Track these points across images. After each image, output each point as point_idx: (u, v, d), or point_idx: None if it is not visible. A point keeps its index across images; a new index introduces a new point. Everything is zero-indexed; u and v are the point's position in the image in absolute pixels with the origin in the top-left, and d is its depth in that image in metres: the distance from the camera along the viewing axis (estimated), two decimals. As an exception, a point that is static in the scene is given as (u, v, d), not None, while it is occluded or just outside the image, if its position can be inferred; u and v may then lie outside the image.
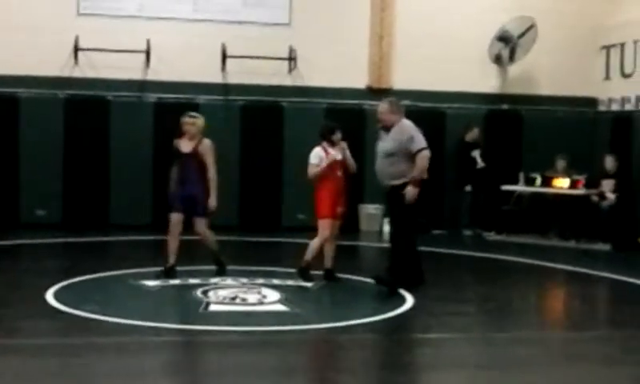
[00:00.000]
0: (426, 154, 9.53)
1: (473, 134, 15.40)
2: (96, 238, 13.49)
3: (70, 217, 14.66)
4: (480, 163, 15.31)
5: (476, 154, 15.33)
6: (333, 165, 10.02)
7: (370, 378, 6.67)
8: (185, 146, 10.02)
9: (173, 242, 10.00)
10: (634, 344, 7.87)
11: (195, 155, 9.95)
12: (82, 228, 14.18)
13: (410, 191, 9.51)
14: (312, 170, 10.04)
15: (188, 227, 10.01)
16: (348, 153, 10.27)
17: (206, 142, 10.05)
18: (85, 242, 13.26)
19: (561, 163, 14.84)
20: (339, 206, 10.13)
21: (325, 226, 10.04)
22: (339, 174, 10.12)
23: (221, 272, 10.19)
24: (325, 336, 7.98)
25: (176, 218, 9.95)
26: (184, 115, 10.20)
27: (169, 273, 9.90)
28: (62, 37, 14.45)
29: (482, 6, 15.78)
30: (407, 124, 9.69)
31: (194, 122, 10.09)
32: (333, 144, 10.12)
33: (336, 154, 10.10)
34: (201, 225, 10.05)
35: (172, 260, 9.97)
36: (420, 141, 9.56)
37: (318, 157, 10.08)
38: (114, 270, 10.37)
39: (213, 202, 9.97)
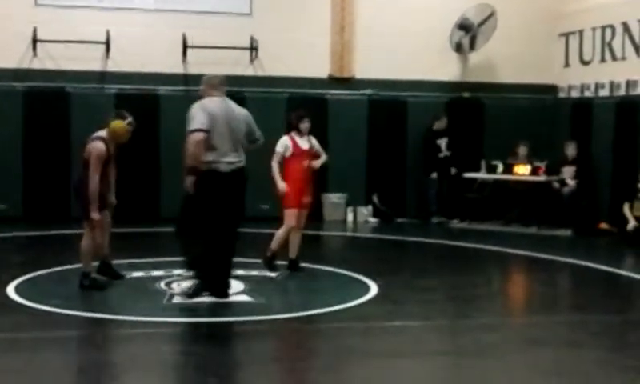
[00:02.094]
0: (195, 137, 8.15)
1: (441, 123, 15.46)
2: (57, 232, 13.35)
3: (30, 210, 14.50)
4: (444, 151, 15.38)
5: (442, 142, 15.41)
6: (299, 154, 10.00)
7: (334, 367, 6.67)
8: (112, 148, 9.24)
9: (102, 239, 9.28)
10: (596, 328, 7.95)
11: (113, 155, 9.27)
12: (43, 221, 14.03)
13: (186, 180, 8.23)
14: (275, 158, 10.03)
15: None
16: (315, 143, 10.26)
17: None
18: (46, 236, 13.12)
19: (522, 149, 14.96)
20: (306, 196, 10.11)
21: (290, 216, 10.02)
22: (306, 164, 10.08)
23: (119, 276, 9.48)
24: (290, 326, 7.97)
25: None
26: (130, 121, 9.27)
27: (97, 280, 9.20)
28: (19, 28, 14.26)
29: (442, -6, 15.85)
30: (201, 102, 8.46)
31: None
32: (301, 133, 10.10)
33: (303, 143, 10.09)
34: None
35: (91, 268, 9.20)
36: (197, 121, 8.21)
37: (283, 146, 10.05)
38: (75, 263, 10.24)
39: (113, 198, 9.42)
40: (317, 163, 10.25)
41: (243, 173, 8.54)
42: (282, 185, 9.93)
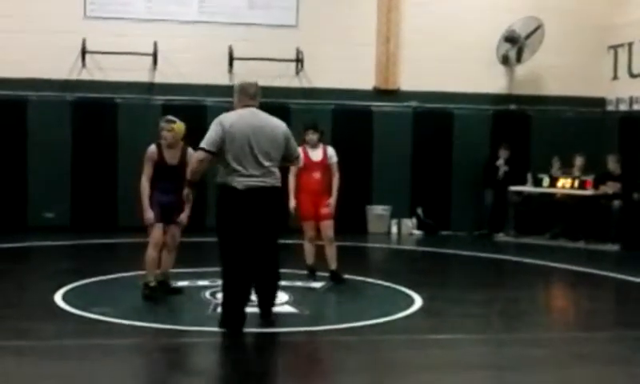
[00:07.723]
0: (198, 155, 7.63)
1: (503, 152, 15.39)
2: (104, 240, 13.50)
3: (78, 219, 14.69)
4: (503, 167, 15.31)
5: (500, 163, 15.36)
6: (310, 166, 9.99)
7: (379, 380, 6.66)
8: (170, 156, 9.01)
9: (156, 254, 9.01)
10: (644, 344, 7.85)
11: (182, 168, 8.68)
12: (90, 230, 14.20)
13: (184, 192, 8.02)
14: (291, 171, 10.02)
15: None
16: (332, 154, 10.22)
17: (190, 152, 8.77)
18: (93, 245, 13.27)
19: (579, 160, 14.81)
20: (321, 207, 10.10)
21: (305, 228, 10.13)
22: (317, 176, 10.10)
23: (176, 291, 9.33)
24: (334, 338, 7.96)
25: (161, 228, 9.00)
26: (162, 120, 9.21)
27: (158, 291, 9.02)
28: (69, 40, 14.48)
29: (488, 6, 15.78)
30: (224, 116, 7.83)
31: (171, 127, 9.04)
32: (311, 144, 10.12)
33: (315, 155, 10.10)
34: (178, 234, 9.18)
35: (152, 278, 9.00)
36: (206, 139, 7.65)
37: None
38: (122, 272, 10.37)
39: (185, 218, 9.03)
40: (331, 203, 10.10)
41: (268, 193, 7.64)
42: (292, 203, 9.94)
